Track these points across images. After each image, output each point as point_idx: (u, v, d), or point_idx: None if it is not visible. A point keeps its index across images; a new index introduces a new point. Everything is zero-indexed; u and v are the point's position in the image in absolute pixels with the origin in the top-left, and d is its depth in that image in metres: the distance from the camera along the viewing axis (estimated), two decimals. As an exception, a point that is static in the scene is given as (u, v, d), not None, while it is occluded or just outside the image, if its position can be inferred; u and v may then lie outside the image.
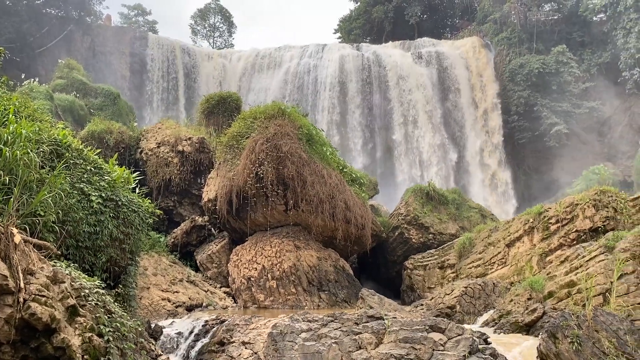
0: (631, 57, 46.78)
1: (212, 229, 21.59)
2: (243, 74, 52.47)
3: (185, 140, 23.75)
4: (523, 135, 49.25)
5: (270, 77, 50.67)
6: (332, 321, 10.49)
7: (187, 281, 18.53)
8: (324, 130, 26.46)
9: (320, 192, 18.53)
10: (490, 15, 55.23)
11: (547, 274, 12.84)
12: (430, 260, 21.15)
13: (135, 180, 12.72)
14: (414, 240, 23.46)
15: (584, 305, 10.37)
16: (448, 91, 50.39)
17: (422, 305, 15.26)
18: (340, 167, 21.46)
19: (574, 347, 9.00)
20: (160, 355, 10.51)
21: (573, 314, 9.56)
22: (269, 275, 17.91)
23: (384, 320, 10.03)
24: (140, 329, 10.43)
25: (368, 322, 10.10)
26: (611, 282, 10.56)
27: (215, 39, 72.60)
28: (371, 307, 15.39)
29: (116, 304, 8.84)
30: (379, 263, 25.05)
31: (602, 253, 11.36)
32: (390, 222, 24.70)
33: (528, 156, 50.02)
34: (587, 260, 11.66)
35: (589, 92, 49.53)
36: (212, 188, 20.22)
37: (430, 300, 15.33)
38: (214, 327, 12.20)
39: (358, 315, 10.42)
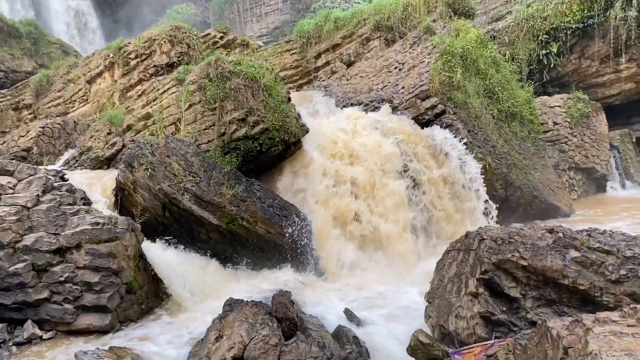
0: None
1: None
2: None
3: None
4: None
5: None
6: None
7: None
8: None
9: None
10: None
11: (127, 108, 13.09)
12: (2, 102, 18.57)
13: None
14: (-22, 79, 20.03)
15: (159, 136, 11.16)
16: None
17: (-8, 151, 13.52)
18: None
19: (148, 173, 9.74)
20: None
21: (148, 143, 10.17)
22: None
23: None
24: None
25: None
26: (181, 112, 11.56)
27: None
28: None
29: None
30: None
31: (174, 86, 12.15)
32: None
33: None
34: (162, 93, 12.33)
35: None
36: None
37: (2, 144, 13.72)
38: None
39: None
